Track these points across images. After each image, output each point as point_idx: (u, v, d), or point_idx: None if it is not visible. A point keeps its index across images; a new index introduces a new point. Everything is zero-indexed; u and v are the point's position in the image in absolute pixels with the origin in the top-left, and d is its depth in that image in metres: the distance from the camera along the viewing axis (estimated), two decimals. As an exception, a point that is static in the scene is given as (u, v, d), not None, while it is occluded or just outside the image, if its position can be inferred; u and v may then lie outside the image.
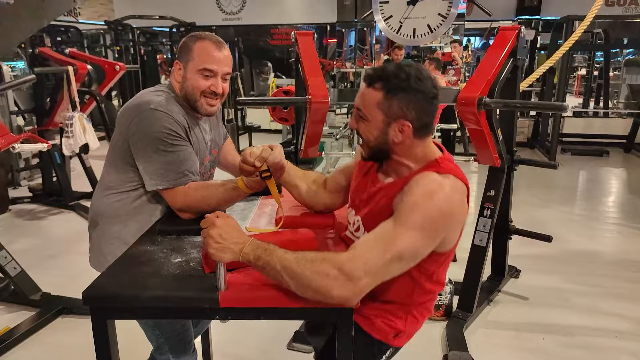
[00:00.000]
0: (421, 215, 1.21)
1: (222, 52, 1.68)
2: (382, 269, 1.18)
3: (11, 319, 3.07)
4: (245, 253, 1.19)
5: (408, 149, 1.34)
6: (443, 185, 1.25)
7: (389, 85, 1.27)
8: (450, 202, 1.25)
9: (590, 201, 5.82)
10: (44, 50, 4.93)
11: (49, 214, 5.16)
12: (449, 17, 3.30)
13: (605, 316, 3.15)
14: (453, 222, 1.28)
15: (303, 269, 1.14)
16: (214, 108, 1.74)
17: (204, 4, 10.44)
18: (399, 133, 1.30)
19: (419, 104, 1.28)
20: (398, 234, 1.20)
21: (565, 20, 7.08)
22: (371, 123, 1.32)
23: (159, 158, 1.60)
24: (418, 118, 1.29)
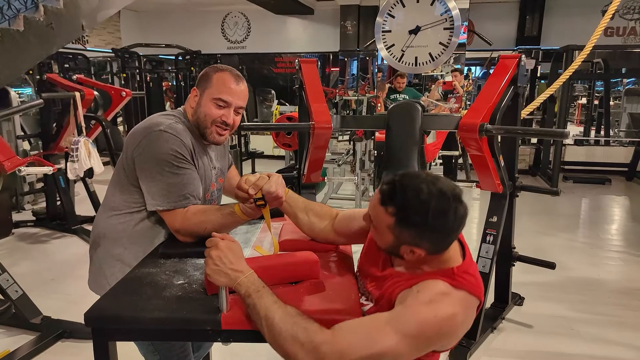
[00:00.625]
0: (418, 325, 1.12)
1: (239, 86, 1.73)
2: None
3: (11, 342, 3.05)
4: (239, 284, 1.19)
5: (422, 263, 1.25)
6: (452, 301, 1.15)
7: (402, 215, 1.17)
8: (452, 320, 1.14)
9: (593, 229, 5.80)
10: (52, 76, 5.00)
11: (52, 238, 5.17)
12: (450, 46, 3.35)
13: (609, 344, 3.12)
14: (450, 338, 1.18)
15: (282, 328, 1.11)
16: (222, 138, 1.78)
17: (209, 33, 10.62)
18: (411, 254, 1.21)
19: (435, 237, 1.18)
20: (387, 334, 1.11)
21: (565, 50, 7.18)
22: (381, 236, 1.25)
23: (162, 179, 1.62)
24: (433, 248, 1.20)
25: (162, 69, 9.84)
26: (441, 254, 1.23)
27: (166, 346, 1.77)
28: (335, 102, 8.70)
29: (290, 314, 1.14)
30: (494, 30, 8.87)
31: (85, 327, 3.15)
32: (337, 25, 9.95)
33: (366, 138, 6.19)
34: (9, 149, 3.03)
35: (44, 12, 3.48)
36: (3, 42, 3.20)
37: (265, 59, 10.84)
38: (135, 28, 10.92)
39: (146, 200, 1.66)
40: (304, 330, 1.11)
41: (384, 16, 3.43)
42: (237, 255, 1.23)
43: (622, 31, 8.95)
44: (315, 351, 1.09)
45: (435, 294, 1.15)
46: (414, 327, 1.11)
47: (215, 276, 1.19)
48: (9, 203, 5.43)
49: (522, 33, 9.20)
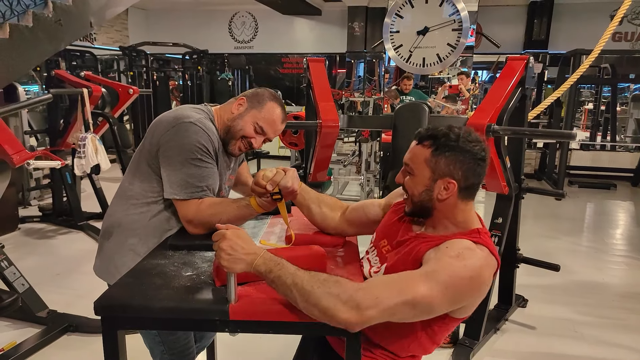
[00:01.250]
0: (449, 275, 1.20)
1: (282, 125, 1.82)
2: (391, 308, 1.17)
3: (18, 335, 3.07)
4: (257, 265, 1.21)
5: (451, 209, 1.35)
6: (478, 256, 1.26)
7: (438, 143, 1.31)
8: (480, 273, 1.24)
9: (597, 233, 5.79)
10: (60, 72, 5.04)
11: (58, 234, 5.19)
12: (458, 47, 3.36)
13: (612, 347, 3.12)
14: (476, 293, 1.28)
15: (314, 288, 1.15)
16: (240, 152, 1.84)
17: (217, 32, 10.66)
18: (444, 190, 1.32)
19: (466, 164, 1.31)
20: (420, 282, 1.19)
21: (572, 54, 7.17)
22: (417, 178, 1.35)
23: (184, 169, 1.64)
24: (464, 178, 1.32)
25: (169, 68, 9.88)
26: (467, 202, 1.36)
27: (172, 337, 1.78)
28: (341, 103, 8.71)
29: (317, 274, 1.20)
30: (501, 33, 8.87)
31: (90, 322, 3.19)
32: (345, 27, 9.97)
33: (372, 139, 6.21)
34: (18, 143, 3.05)
35: (53, 8, 3.51)
36: (12, 37, 3.23)
37: (272, 59, 10.87)
38: (142, 26, 10.97)
39: (164, 188, 1.68)
40: (336, 283, 1.17)
41: (392, 17, 3.44)
42: (246, 240, 1.25)
43: (630, 36, 8.94)
44: (352, 299, 1.14)
45: (463, 249, 1.26)
46: (446, 277, 1.20)
47: (232, 265, 1.20)
48: (15, 198, 5.46)
49: (530, 37, 9.20)
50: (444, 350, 2.98)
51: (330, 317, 1.15)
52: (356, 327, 1.17)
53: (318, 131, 2.96)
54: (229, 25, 10.77)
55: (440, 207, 1.35)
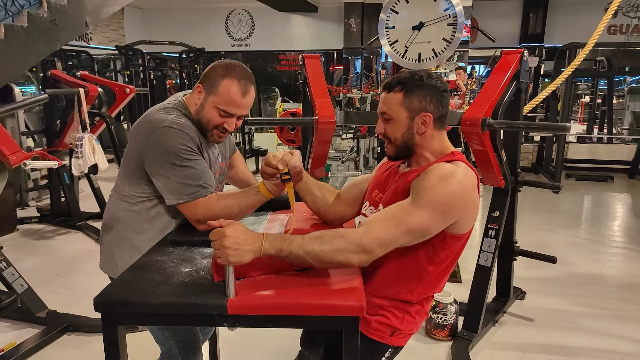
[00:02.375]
0: (434, 196, 1.35)
1: (245, 99, 1.70)
2: (393, 242, 1.34)
3: (17, 336, 3.08)
4: (265, 249, 1.27)
5: (429, 141, 1.50)
6: (456, 172, 1.40)
7: (407, 86, 1.46)
8: (462, 186, 1.39)
9: (595, 225, 5.81)
10: (56, 72, 5.03)
11: (56, 234, 5.20)
12: (453, 42, 3.37)
13: (610, 338, 3.14)
14: (464, 205, 1.41)
15: (324, 250, 1.28)
16: (222, 139, 1.79)
17: (213, 30, 10.66)
18: (422, 125, 1.47)
19: (435, 96, 1.46)
20: (411, 211, 1.35)
21: (568, 47, 7.18)
22: (397, 122, 1.49)
23: (176, 173, 1.62)
24: (436, 109, 1.47)
25: (165, 67, 9.88)
26: (442, 131, 1.51)
27: (181, 330, 1.82)
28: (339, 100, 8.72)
29: (322, 236, 1.31)
30: (497, 28, 8.90)
31: (90, 321, 3.19)
32: (341, 23, 9.98)
33: (370, 135, 6.22)
34: (14, 143, 3.05)
35: (48, 8, 3.51)
36: (7, 38, 3.23)
37: (269, 56, 10.88)
38: (138, 25, 10.96)
39: (164, 197, 1.67)
40: (341, 238, 1.31)
41: (388, 12, 3.44)
42: (245, 231, 1.27)
43: (625, 29, 8.97)
44: (359, 246, 1.31)
45: (443, 171, 1.40)
46: (432, 198, 1.36)
47: (241, 258, 1.23)
48: (13, 199, 5.47)
49: (526, 31, 9.22)
50: (443, 343, 3.00)
51: (346, 266, 1.33)
52: (368, 263, 1.34)
53: (315, 127, 2.97)
54: (225, 23, 10.77)
55: (420, 140, 1.49)
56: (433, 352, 2.94)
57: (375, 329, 1.50)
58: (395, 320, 1.51)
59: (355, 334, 1.24)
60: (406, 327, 1.53)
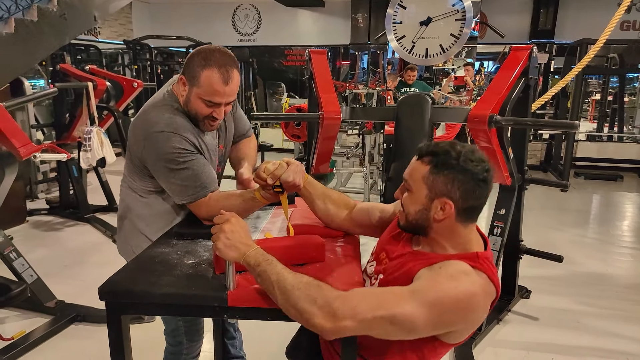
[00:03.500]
0: (436, 296, 1.15)
1: (228, 86, 1.64)
2: (369, 321, 1.14)
3: (27, 324, 3.13)
4: (248, 256, 1.22)
5: (448, 231, 1.29)
6: (473, 281, 1.19)
7: (437, 161, 1.25)
8: (471, 299, 1.17)
9: (603, 225, 5.78)
10: (65, 66, 5.07)
11: (65, 226, 5.24)
12: (461, 38, 3.35)
13: (616, 338, 3.13)
14: (464, 320, 1.21)
15: (294, 288, 1.15)
16: (214, 126, 1.77)
17: (220, 25, 10.66)
18: (441, 211, 1.26)
19: (466, 184, 1.23)
20: (404, 299, 1.15)
21: (579, 44, 7.12)
22: (414, 195, 1.30)
23: (174, 177, 1.66)
24: (463, 199, 1.24)
25: (172, 61, 9.89)
26: (467, 226, 1.29)
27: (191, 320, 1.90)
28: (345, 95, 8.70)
29: (301, 276, 1.19)
30: (507, 23, 8.82)
31: (97, 312, 3.24)
32: (348, 18, 9.93)
33: (375, 131, 6.20)
34: (25, 136, 3.08)
35: (57, 2, 3.53)
36: (17, 32, 3.25)
37: (275, 51, 10.86)
38: (146, 20, 10.99)
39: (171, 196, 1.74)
40: (317, 287, 1.16)
41: (395, 7, 3.43)
42: (246, 231, 1.28)
43: (638, 25, 8.85)
44: (329, 305, 1.13)
45: (457, 271, 1.19)
46: (433, 297, 1.14)
47: (227, 250, 1.22)
48: (23, 191, 5.52)
49: (536, 26, 9.13)
50: (447, 339, 3.00)
51: (305, 320, 1.15)
52: (330, 334, 1.16)
53: (320, 123, 2.97)
54: (232, 18, 10.76)
55: (437, 228, 1.29)
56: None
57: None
58: None
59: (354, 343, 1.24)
60: None
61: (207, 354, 2.77)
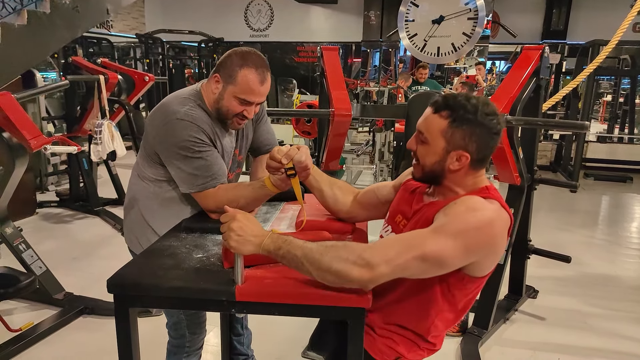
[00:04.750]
0: (458, 226, 1.22)
1: (264, 86, 1.72)
2: (402, 264, 1.20)
3: (35, 316, 3.16)
4: (266, 244, 1.24)
5: (461, 178, 1.36)
6: (488, 208, 1.26)
7: (455, 115, 1.29)
8: (491, 224, 1.24)
9: (612, 226, 5.74)
10: (77, 59, 5.09)
11: (74, 219, 5.28)
12: (473, 37, 3.34)
13: (623, 339, 3.11)
14: (489, 246, 1.27)
15: (323, 255, 1.19)
16: (241, 126, 1.82)
17: (233, 20, 10.67)
18: (456, 162, 1.32)
19: (482, 137, 1.30)
20: (429, 237, 1.22)
21: (591, 44, 7.06)
22: (431, 148, 1.34)
23: (186, 165, 1.67)
24: (478, 151, 1.31)
25: (184, 56, 9.94)
26: (479, 171, 1.36)
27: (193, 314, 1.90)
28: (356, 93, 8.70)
29: (324, 242, 1.24)
30: (519, 23, 8.76)
31: (106, 304, 3.25)
32: (361, 15, 9.91)
33: (386, 129, 6.19)
34: (35, 128, 3.11)
35: (70, -5, 3.55)
36: (30, 23, 3.28)
37: (287, 47, 10.86)
38: (159, 14, 11.02)
39: (178, 186, 1.74)
40: (343, 247, 1.22)
41: (408, 5, 3.42)
42: (255, 223, 1.28)
43: (650, 27, 8.77)
44: (361, 258, 1.18)
45: (472, 203, 1.27)
46: (455, 228, 1.22)
47: (241, 246, 1.23)
48: (33, 183, 5.56)
49: (549, 27, 9.07)
50: (453, 338, 3.00)
51: (343, 278, 1.19)
52: (369, 284, 1.20)
53: (330, 120, 2.97)
54: (244, 13, 10.77)
55: (451, 177, 1.35)
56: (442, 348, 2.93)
57: (379, 350, 1.44)
58: (403, 347, 1.44)
59: (360, 326, 1.25)
60: (411, 357, 1.45)
61: (214, 348, 2.79)
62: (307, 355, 2.81)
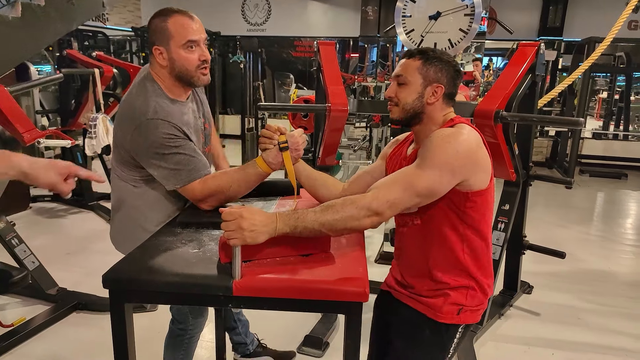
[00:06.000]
0: (439, 157, 1.37)
1: (195, 22, 1.74)
2: (402, 204, 1.38)
3: (28, 311, 3.14)
4: (280, 229, 1.30)
5: (436, 113, 1.52)
6: (458, 132, 1.43)
7: (427, 56, 1.51)
8: (466, 142, 1.40)
9: (607, 222, 5.77)
10: (72, 52, 5.07)
11: (68, 213, 5.26)
12: (470, 33, 3.33)
13: (616, 335, 3.13)
14: (472, 162, 1.42)
15: (337, 219, 1.32)
16: (207, 77, 1.80)
17: (230, 14, 10.60)
18: (432, 96, 1.50)
19: (450, 73, 1.51)
20: (418, 174, 1.38)
21: (587, 41, 7.08)
22: (410, 87, 1.52)
23: (166, 162, 1.66)
24: (448, 84, 1.51)
25: (180, 50, 9.87)
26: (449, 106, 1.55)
27: None
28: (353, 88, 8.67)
29: (331, 206, 1.35)
30: (516, 19, 8.76)
31: (99, 300, 3.24)
32: (358, 10, 9.87)
33: (383, 124, 6.18)
34: (29, 121, 3.09)
35: (65, -13, 3.51)
36: (24, 16, 3.23)
37: (284, 42, 10.80)
38: (155, 7, 10.67)
39: (164, 185, 1.72)
40: (352, 205, 1.35)
41: (405, 1, 3.41)
42: (260, 213, 1.30)
43: (646, 25, 8.78)
44: (370, 210, 1.35)
45: (444, 133, 1.43)
46: (437, 158, 1.38)
47: (256, 239, 1.27)
48: (27, 177, 5.53)
49: (545, 23, 9.06)
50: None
51: (358, 230, 1.40)
52: (379, 224, 1.40)
53: (327, 115, 2.96)
54: (241, 7, 10.70)
55: (428, 110, 1.52)
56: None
57: (441, 311, 1.50)
58: (458, 296, 1.51)
59: (358, 320, 1.25)
60: (471, 302, 1.52)
61: (208, 344, 2.79)
62: (302, 350, 2.83)
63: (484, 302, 1.56)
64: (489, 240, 1.55)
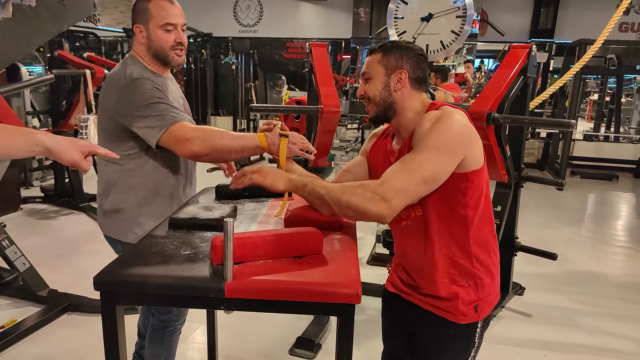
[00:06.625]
0: (435, 140, 1.37)
1: (175, 7, 1.84)
2: (410, 190, 1.36)
3: (18, 313, 3.12)
4: (295, 181, 1.45)
5: (408, 99, 1.52)
6: (445, 113, 1.42)
7: (386, 47, 1.55)
8: (457, 121, 1.39)
9: (598, 224, 5.80)
10: (63, 53, 5.04)
11: (59, 214, 5.23)
12: (461, 35, 3.35)
13: (608, 336, 3.15)
14: (467, 138, 1.42)
15: (344, 194, 1.36)
16: (182, 58, 1.90)
17: (222, 16, 10.60)
18: (398, 83, 1.51)
19: (411, 57, 1.52)
20: (419, 160, 1.37)
21: (578, 43, 7.12)
22: (376, 80, 1.54)
23: (152, 110, 1.71)
24: (412, 69, 1.52)
25: (172, 51, 9.85)
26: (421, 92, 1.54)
27: None
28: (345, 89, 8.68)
29: (345, 184, 1.40)
30: (507, 21, 8.81)
31: (90, 301, 3.22)
32: (350, 12, 9.90)
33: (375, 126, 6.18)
34: (20, 122, 3.07)
35: (57, -12, 3.49)
36: (15, 17, 3.21)
37: (276, 44, 10.81)
38: (147, 9, 10.90)
39: (150, 139, 1.73)
40: (360, 186, 1.38)
41: (397, 2, 3.42)
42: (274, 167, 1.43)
43: (637, 27, 8.87)
44: (376, 194, 1.34)
45: (432, 116, 1.42)
46: (433, 142, 1.37)
47: (275, 182, 1.45)
48: (17, 178, 5.49)
49: (537, 25, 9.13)
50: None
51: (363, 213, 1.35)
52: (388, 217, 1.36)
53: (319, 116, 2.96)
54: (233, 8, 10.70)
55: (398, 98, 1.52)
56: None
57: (460, 312, 1.49)
58: (471, 292, 1.50)
59: (350, 322, 1.24)
60: (482, 294, 1.51)
61: (200, 346, 2.78)
62: (294, 352, 2.82)
63: (492, 285, 1.56)
64: (491, 216, 1.56)
